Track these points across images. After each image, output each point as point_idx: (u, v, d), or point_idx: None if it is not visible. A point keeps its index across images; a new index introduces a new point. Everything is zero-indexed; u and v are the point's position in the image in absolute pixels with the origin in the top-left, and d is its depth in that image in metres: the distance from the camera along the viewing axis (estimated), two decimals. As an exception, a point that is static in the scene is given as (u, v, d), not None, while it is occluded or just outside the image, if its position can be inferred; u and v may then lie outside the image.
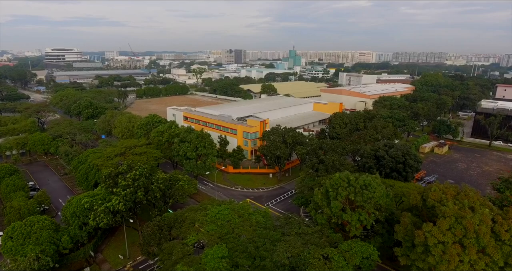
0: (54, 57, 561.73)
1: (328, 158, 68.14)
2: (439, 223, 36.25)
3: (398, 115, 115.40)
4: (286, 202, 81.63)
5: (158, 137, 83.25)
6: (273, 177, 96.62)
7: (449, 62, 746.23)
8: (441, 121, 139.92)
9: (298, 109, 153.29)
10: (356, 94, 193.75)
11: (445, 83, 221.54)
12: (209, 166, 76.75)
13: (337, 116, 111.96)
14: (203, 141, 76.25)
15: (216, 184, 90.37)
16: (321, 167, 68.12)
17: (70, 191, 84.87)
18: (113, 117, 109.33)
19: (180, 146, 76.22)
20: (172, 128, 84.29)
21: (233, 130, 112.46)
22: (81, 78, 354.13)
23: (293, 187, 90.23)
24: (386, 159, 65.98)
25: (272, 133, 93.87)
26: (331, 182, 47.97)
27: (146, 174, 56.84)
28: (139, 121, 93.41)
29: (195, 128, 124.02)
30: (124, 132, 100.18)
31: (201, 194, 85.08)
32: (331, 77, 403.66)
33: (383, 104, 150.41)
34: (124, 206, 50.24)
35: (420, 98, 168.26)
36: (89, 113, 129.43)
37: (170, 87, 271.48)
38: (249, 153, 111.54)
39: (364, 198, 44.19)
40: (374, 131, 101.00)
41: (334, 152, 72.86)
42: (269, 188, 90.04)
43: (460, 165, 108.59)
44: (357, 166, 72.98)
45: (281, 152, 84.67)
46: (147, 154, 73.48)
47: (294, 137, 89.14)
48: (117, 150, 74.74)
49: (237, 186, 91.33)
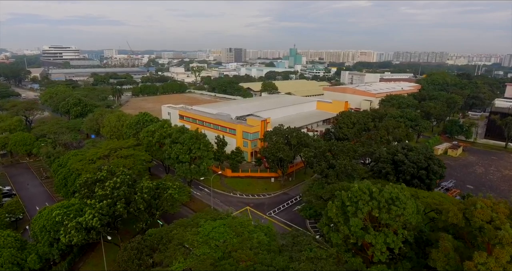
0: (51, 55, 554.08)
1: (339, 163, 59.74)
2: (497, 253, 27.99)
3: (410, 115, 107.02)
4: (290, 210, 73.26)
5: (148, 137, 74.85)
6: (275, 181, 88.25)
7: (450, 62, 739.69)
8: (453, 121, 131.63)
9: (301, 108, 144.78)
10: (361, 93, 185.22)
11: (452, 82, 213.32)
12: (204, 170, 68.39)
13: (344, 115, 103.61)
14: (197, 142, 67.86)
15: (213, 189, 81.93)
16: (331, 172, 59.72)
17: (50, 198, 76.41)
18: (102, 116, 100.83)
19: (171, 148, 67.83)
20: (164, 128, 75.86)
21: (232, 130, 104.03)
22: (77, 76, 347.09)
23: (298, 193, 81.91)
24: (406, 164, 57.59)
25: (274, 133, 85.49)
26: (348, 194, 39.57)
27: (129, 182, 48.43)
28: (128, 120, 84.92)
29: (191, 128, 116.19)
30: (113, 132, 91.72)
31: (196, 201, 76.70)
32: (333, 76, 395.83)
33: (390, 103, 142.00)
34: (99, 222, 41.76)
35: (429, 97, 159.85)
36: (78, 112, 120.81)
37: (167, 85, 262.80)
38: (249, 155, 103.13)
39: (392, 215, 35.84)
40: (385, 132, 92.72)
41: (345, 155, 64.45)
42: (271, 194, 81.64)
43: (477, 169, 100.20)
44: (371, 171, 64.59)
45: (284, 154, 76.31)
46: (134, 157, 65.02)
47: (299, 137, 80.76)
48: (101, 152, 66.30)
49: (235, 191, 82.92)
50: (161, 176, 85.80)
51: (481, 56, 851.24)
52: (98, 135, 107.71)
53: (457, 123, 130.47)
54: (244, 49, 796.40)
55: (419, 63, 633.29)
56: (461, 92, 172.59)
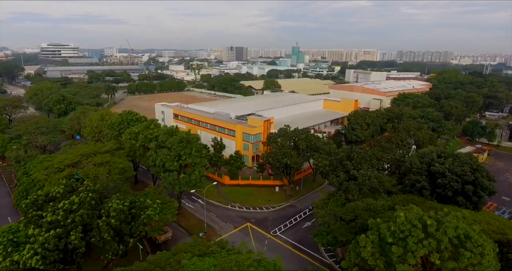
0: (50, 52, 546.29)
1: (363, 174, 48.02)
2: None
3: (432, 115, 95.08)
4: (298, 227, 61.60)
5: (131, 140, 63.21)
6: (280, 190, 76.61)
7: (454, 62, 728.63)
8: (474, 122, 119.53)
9: (306, 107, 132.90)
10: (370, 92, 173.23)
11: (465, 80, 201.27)
12: (196, 180, 56.74)
13: (357, 115, 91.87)
14: (188, 147, 56.23)
15: (207, 201, 70.34)
16: (352, 186, 48.00)
17: (14, 211, 64.86)
18: (84, 115, 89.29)
19: (157, 153, 56.21)
20: (150, 129, 64.19)
21: (231, 132, 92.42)
22: (74, 73, 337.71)
23: (306, 205, 70.26)
24: (448, 177, 45.83)
25: (279, 136, 73.82)
26: (391, 227, 27.87)
27: (92, 202, 36.79)
28: (110, 120, 73.27)
29: (186, 129, 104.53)
30: (95, 133, 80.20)
31: (188, 216, 65.11)
32: (337, 74, 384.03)
33: (405, 102, 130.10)
34: (42, 261, 30.11)
35: (444, 96, 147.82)
36: (61, 110, 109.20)
37: (165, 83, 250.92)
38: (250, 159, 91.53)
39: (462, 263, 24.09)
40: (407, 135, 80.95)
41: (367, 164, 52.70)
42: (275, 207, 69.92)
43: (509, 177, 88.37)
44: (399, 184, 52.88)
45: (291, 161, 64.64)
46: (110, 164, 53.46)
47: (309, 141, 69.07)
48: (70, 158, 54.74)
49: (234, 203, 71.25)
50: (150, 183, 74.48)
51: (485, 56, 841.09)
52: (83, 136, 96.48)
53: (479, 124, 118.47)
54: (246, 48, 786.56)
55: (423, 63, 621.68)
56: (479, 91, 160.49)
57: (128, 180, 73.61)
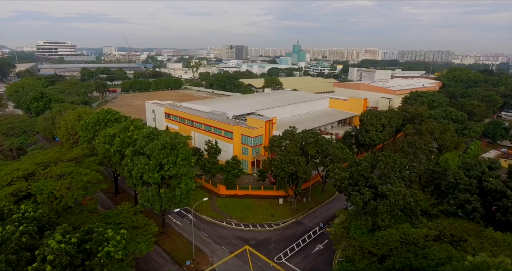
0: (46, 50, 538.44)
1: (395, 191, 36.84)
2: None
3: (455, 115, 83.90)
4: (308, 252, 50.47)
5: (106, 144, 52.00)
6: (285, 202, 65.59)
7: (457, 61, 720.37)
8: (496, 124, 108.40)
9: (311, 106, 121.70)
10: (378, 90, 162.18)
11: (477, 78, 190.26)
12: (182, 196, 45.57)
13: (372, 115, 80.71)
14: (173, 154, 45.09)
15: (198, 215, 59.26)
16: (381, 206, 36.81)
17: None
18: (61, 114, 78.05)
19: (133, 162, 45.03)
20: (129, 131, 52.96)
21: (228, 133, 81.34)
22: (68, 71, 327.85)
23: (316, 222, 59.24)
24: (510, 196, 34.73)
25: (284, 139, 62.72)
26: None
27: (23, 239, 25.64)
28: (84, 120, 61.90)
29: (179, 130, 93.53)
30: (70, 135, 68.97)
31: (174, 236, 54.04)
32: (339, 73, 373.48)
33: (418, 101, 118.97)
34: None
35: (460, 94, 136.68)
36: (39, 108, 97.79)
37: (161, 80, 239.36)
38: (250, 165, 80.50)
39: None
40: (431, 138, 69.86)
41: (397, 176, 41.47)
42: (279, 224, 58.82)
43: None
44: (439, 203, 41.70)
45: (300, 170, 53.54)
46: (72, 176, 42.26)
47: (319, 145, 57.89)
48: (24, 167, 43.56)
49: (230, 218, 60.14)
50: (133, 193, 63.56)
51: (487, 55, 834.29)
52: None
53: (501, 125, 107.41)
54: (246, 46, 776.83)
55: (425, 62, 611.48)
56: (495, 89, 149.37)
57: (107, 190, 62.86)
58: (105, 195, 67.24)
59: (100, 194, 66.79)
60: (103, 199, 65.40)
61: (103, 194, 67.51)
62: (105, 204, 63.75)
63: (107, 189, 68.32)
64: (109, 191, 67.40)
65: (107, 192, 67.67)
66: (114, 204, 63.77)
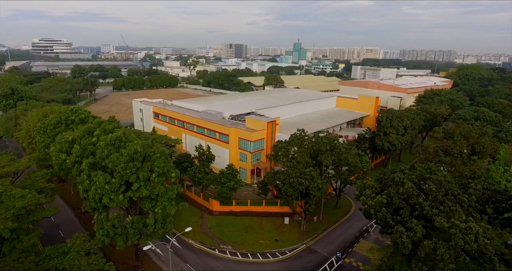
0: (42, 48, 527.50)
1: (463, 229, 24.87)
2: None
3: (489, 116, 72.03)
4: (325, 295, 38.54)
5: (62, 152, 39.88)
6: (292, 221, 53.67)
7: (458, 61, 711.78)
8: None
9: (318, 106, 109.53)
10: (387, 88, 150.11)
11: (489, 76, 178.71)
12: (157, 226, 33.47)
13: (392, 116, 68.64)
14: (145, 168, 33.05)
15: (183, 240, 47.24)
16: (442, 251, 24.77)
17: None
18: (26, 113, 65.93)
19: (90, 179, 33.01)
20: (94, 135, 40.84)
21: (224, 137, 69.26)
22: (61, 68, 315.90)
23: (332, 249, 47.25)
24: None
25: (291, 145, 50.68)
26: None
27: None
28: (44, 121, 49.80)
29: (168, 132, 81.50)
30: (31, 139, 56.86)
31: (150, 267, 41.97)
32: (341, 72, 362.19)
33: (436, 100, 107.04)
34: None
35: (478, 93, 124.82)
36: (9, 106, 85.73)
37: (155, 78, 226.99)
38: (249, 174, 68.48)
39: None
40: (465, 143, 57.92)
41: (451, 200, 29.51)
42: (285, 252, 46.82)
43: None
44: None
45: (314, 186, 41.53)
46: (2, 200, 30.17)
47: (337, 154, 45.81)
48: None
49: (224, 244, 48.13)
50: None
51: (489, 55, 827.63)
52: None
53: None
54: (245, 45, 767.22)
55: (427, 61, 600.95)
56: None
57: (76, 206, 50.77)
58: (72, 212, 55.24)
59: (66, 211, 54.91)
60: (68, 218, 53.28)
61: (71, 210, 55.58)
62: (70, 226, 51.51)
63: (75, 204, 56.49)
64: (77, 207, 55.37)
65: (75, 208, 55.75)
66: (81, 224, 51.78)
